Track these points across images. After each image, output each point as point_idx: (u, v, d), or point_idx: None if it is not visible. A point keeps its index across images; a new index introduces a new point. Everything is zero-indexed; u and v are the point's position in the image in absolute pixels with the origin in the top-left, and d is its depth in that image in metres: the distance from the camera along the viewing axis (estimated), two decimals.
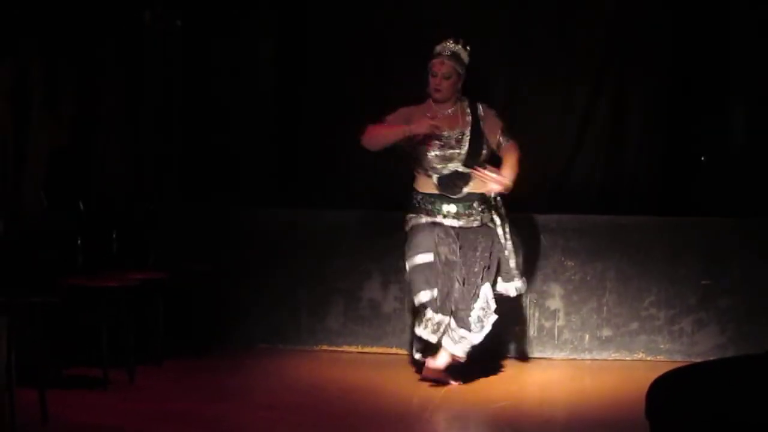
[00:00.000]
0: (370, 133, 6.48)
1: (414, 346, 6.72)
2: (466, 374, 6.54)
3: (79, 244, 6.63)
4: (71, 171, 7.06)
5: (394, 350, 7.44)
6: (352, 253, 7.49)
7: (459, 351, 6.43)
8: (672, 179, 8.02)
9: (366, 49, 8.03)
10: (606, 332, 7.40)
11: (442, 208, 6.54)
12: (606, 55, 8.06)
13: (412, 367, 6.89)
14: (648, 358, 7.36)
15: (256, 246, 7.54)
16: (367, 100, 7.78)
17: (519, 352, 7.42)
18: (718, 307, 7.34)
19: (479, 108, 6.67)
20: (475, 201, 6.57)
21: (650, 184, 8.06)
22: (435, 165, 6.54)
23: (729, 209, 7.56)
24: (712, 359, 6.22)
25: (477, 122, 6.61)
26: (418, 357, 6.63)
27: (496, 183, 6.46)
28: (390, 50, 7.94)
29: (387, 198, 7.34)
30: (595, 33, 8.05)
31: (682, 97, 7.95)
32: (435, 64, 6.59)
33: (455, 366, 6.50)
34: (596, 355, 7.40)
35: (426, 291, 6.42)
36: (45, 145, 6.84)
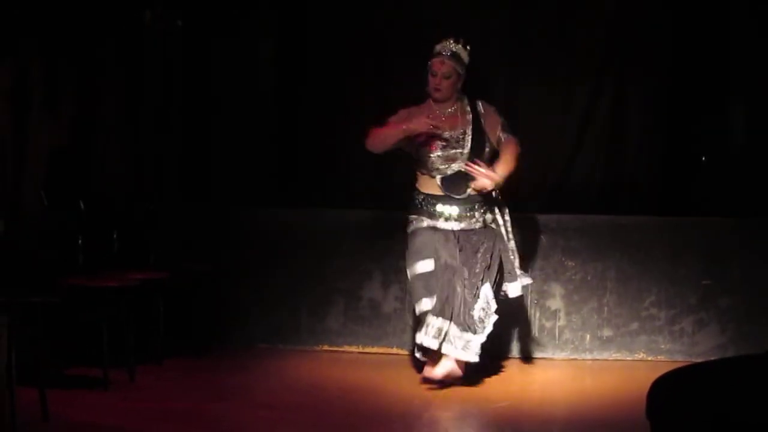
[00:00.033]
0: (373, 136, 6.48)
1: (415, 346, 6.71)
2: (467, 374, 6.54)
3: (80, 244, 6.63)
4: (71, 171, 7.06)
5: (395, 350, 7.44)
6: (352, 253, 7.49)
7: (470, 356, 6.39)
8: (672, 179, 8.02)
9: (366, 49, 8.04)
10: (607, 332, 7.40)
11: (444, 211, 6.53)
12: (606, 55, 8.06)
13: (413, 367, 6.89)
14: (648, 358, 7.36)
15: (256, 246, 7.53)
16: (367, 100, 7.81)
17: (519, 352, 7.41)
18: (719, 307, 7.34)
19: (479, 105, 6.66)
20: (477, 202, 6.56)
21: (650, 184, 8.06)
22: (438, 166, 6.53)
23: (729, 209, 7.56)
24: (713, 359, 6.21)
25: (478, 120, 6.60)
26: (419, 356, 6.62)
27: (486, 178, 6.43)
28: (390, 50, 7.95)
29: (387, 198, 7.34)
30: (595, 33, 8.05)
31: (682, 97, 7.96)
32: (435, 64, 6.57)
33: (468, 366, 6.48)
34: (597, 355, 7.40)
35: (427, 299, 6.41)
36: (45, 145, 6.84)
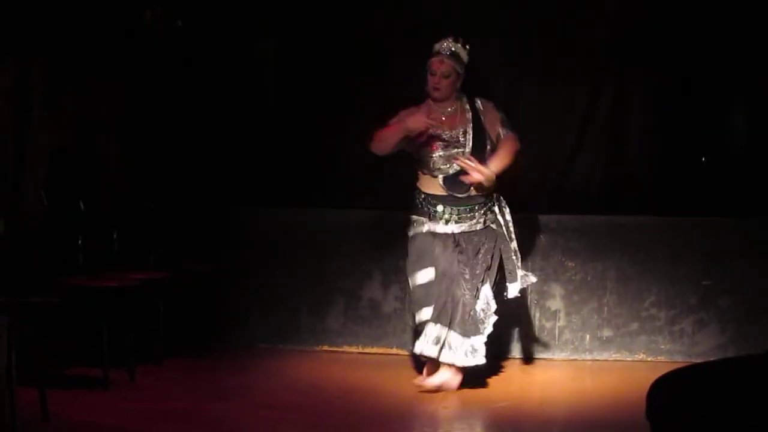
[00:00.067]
0: (375, 139, 6.47)
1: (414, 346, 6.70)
2: (466, 375, 6.54)
3: (80, 244, 6.63)
4: (71, 171, 7.06)
5: (394, 350, 7.44)
6: (352, 253, 7.49)
7: (478, 359, 6.37)
8: (672, 179, 8.02)
9: (366, 49, 8.03)
10: (606, 332, 7.40)
11: (445, 213, 6.50)
12: (606, 55, 8.06)
13: (413, 368, 6.88)
14: (648, 359, 7.36)
15: (256, 246, 7.53)
16: (367, 100, 7.80)
17: (519, 353, 7.41)
18: (719, 307, 7.34)
19: (477, 103, 6.62)
20: (478, 203, 6.54)
21: (650, 184, 8.06)
22: (440, 165, 6.51)
23: (729, 209, 7.56)
24: (713, 359, 6.21)
25: (477, 118, 6.57)
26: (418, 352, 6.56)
27: (477, 173, 6.41)
28: (390, 50, 7.95)
29: (387, 198, 7.33)
30: (595, 33, 8.05)
31: (682, 97, 7.96)
32: (434, 63, 6.54)
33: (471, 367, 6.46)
34: (597, 356, 7.40)
35: (427, 308, 6.40)
36: (45, 145, 6.84)
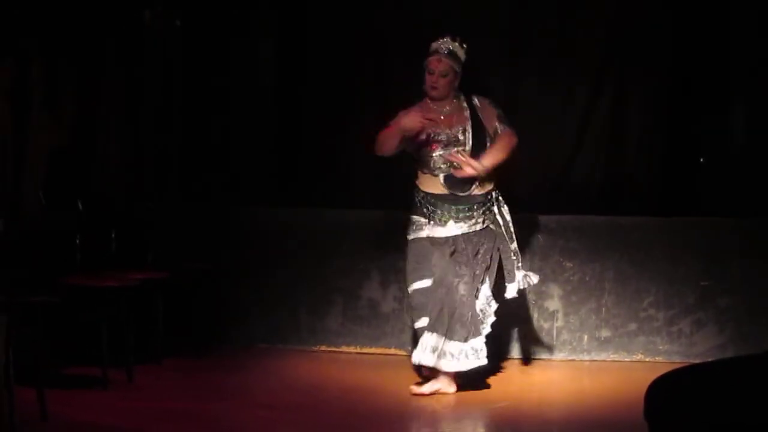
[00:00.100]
0: (377, 141, 6.46)
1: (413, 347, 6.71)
2: (465, 375, 6.54)
3: (79, 244, 6.63)
4: (71, 171, 7.06)
5: (393, 350, 7.44)
6: (352, 253, 7.49)
7: (481, 360, 6.38)
8: (672, 179, 8.02)
9: (366, 49, 8.04)
10: (605, 333, 7.40)
11: (444, 214, 6.48)
12: (606, 55, 8.06)
13: (412, 368, 6.88)
14: (647, 359, 7.36)
15: (256, 246, 7.54)
16: (367, 100, 7.81)
17: (518, 353, 7.41)
18: (718, 308, 7.33)
19: (474, 100, 6.60)
20: (477, 203, 6.53)
21: (650, 184, 8.06)
22: (440, 165, 6.49)
23: (729, 209, 7.56)
24: (711, 360, 6.20)
25: (476, 116, 6.57)
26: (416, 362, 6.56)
27: (468, 166, 6.40)
28: (390, 50, 7.95)
29: (387, 198, 7.33)
30: (595, 33, 8.05)
31: (682, 97, 7.96)
32: (432, 62, 6.52)
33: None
34: (595, 356, 7.40)
35: (424, 317, 6.40)
36: (45, 145, 6.84)
